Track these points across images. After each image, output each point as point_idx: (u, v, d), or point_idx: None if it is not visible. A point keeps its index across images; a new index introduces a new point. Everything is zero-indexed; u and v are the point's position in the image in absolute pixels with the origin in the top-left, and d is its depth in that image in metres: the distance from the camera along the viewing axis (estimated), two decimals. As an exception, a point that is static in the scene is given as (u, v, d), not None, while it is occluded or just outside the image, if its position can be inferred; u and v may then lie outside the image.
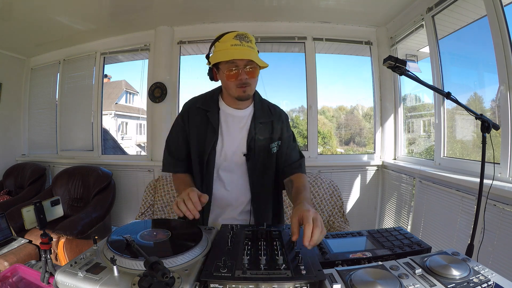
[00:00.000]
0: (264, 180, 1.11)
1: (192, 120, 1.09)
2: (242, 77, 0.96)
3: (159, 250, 0.72)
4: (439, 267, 0.64)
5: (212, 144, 1.05)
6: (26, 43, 3.25)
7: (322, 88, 2.98)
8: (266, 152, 1.09)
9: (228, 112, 1.09)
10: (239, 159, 1.08)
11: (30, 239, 2.14)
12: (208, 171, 1.07)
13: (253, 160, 1.07)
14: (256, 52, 0.98)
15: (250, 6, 2.58)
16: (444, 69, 2.22)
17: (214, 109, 1.07)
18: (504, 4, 1.64)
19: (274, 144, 1.10)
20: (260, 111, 1.10)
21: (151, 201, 2.54)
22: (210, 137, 1.05)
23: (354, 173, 2.89)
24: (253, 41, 0.98)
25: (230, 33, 0.96)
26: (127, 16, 2.74)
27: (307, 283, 0.59)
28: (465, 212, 1.75)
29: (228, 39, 0.95)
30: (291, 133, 1.18)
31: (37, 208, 0.73)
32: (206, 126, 1.07)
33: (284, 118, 1.15)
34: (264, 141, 1.09)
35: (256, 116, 1.08)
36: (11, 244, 2.05)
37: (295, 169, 1.11)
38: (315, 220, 0.71)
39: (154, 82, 2.96)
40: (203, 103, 1.10)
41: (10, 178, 3.28)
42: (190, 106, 1.11)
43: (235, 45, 0.93)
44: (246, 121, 1.09)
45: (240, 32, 0.97)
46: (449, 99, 1.06)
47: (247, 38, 0.96)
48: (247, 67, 0.96)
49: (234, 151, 1.07)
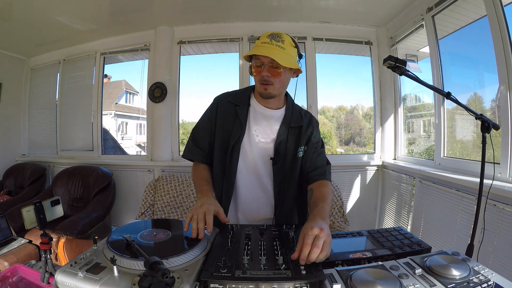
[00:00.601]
0: (289, 186, 1.09)
1: (220, 112, 1.09)
2: (264, 73, 0.97)
3: (159, 250, 0.72)
4: (439, 267, 0.64)
5: (237, 138, 1.04)
6: (26, 43, 3.25)
7: (322, 88, 2.98)
8: (292, 158, 1.08)
9: (258, 109, 1.08)
10: (265, 162, 1.06)
11: (30, 239, 2.14)
12: (231, 166, 1.05)
13: (279, 165, 1.05)
14: (286, 52, 0.96)
15: (250, 6, 2.58)
16: (444, 69, 2.22)
17: (244, 104, 1.08)
18: (504, 4, 1.64)
19: (300, 149, 1.08)
20: (291, 115, 1.08)
21: (151, 201, 2.54)
22: (236, 130, 1.04)
23: (354, 173, 2.89)
24: (286, 41, 0.97)
25: (267, 32, 0.99)
26: (127, 16, 2.74)
27: (307, 283, 0.59)
28: (465, 212, 1.75)
29: (263, 37, 0.99)
30: (320, 140, 1.16)
31: (37, 208, 0.73)
32: (234, 119, 1.06)
33: (314, 124, 1.14)
34: (292, 146, 1.07)
35: (286, 119, 1.07)
36: (11, 244, 2.05)
37: (319, 175, 1.06)
38: (317, 240, 0.67)
39: (154, 82, 2.96)
40: (234, 97, 1.11)
41: (10, 178, 3.28)
42: (221, 99, 1.12)
43: (264, 43, 0.96)
44: (276, 123, 1.08)
45: (275, 32, 0.99)
46: (449, 99, 1.06)
47: (279, 37, 0.97)
48: (270, 65, 0.96)
49: (259, 152, 1.06)
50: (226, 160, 1.06)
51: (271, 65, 0.96)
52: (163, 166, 2.92)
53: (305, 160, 1.09)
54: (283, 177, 1.06)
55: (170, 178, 2.60)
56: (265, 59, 0.96)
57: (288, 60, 0.96)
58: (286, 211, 1.10)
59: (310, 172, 1.08)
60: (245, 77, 2.93)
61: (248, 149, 1.06)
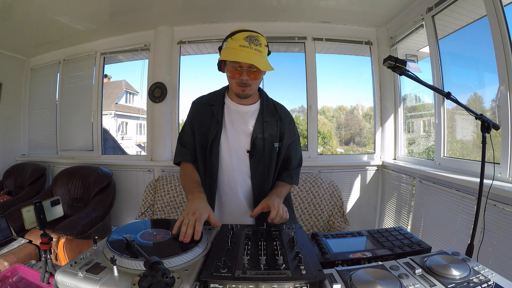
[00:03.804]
0: (267, 178, 1.12)
1: (197, 113, 1.14)
2: (243, 77, 1.00)
3: (159, 250, 0.72)
4: (439, 267, 0.64)
5: (215, 135, 1.08)
6: (26, 43, 3.25)
7: (322, 88, 2.98)
8: (269, 151, 1.11)
9: (232, 107, 1.12)
10: (243, 155, 1.10)
11: (30, 239, 2.14)
12: (212, 163, 1.09)
13: (256, 157, 1.09)
14: (263, 55, 0.99)
15: (250, 6, 2.58)
16: (444, 69, 2.22)
17: (219, 103, 1.12)
18: (504, 4, 1.64)
19: (277, 144, 1.12)
20: (266, 109, 1.12)
21: (151, 201, 2.54)
22: (213, 128, 1.09)
23: (354, 173, 2.89)
24: (263, 44, 1.00)
25: (242, 33, 0.99)
26: (127, 16, 2.74)
27: (307, 283, 0.59)
28: (465, 212, 1.75)
29: (239, 38, 0.97)
30: (296, 136, 1.19)
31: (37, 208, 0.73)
32: (210, 118, 1.11)
33: (289, 118, 1.18)
34: (269, 139, 1.10)
35: (261, 114, 1.11)
36: (11, 244, 2.05)
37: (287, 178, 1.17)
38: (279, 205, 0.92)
39: (154, 82, 2.96)
40: (210, 99, 1.15)
41: (10, 178, 3.28)
42: (197, 102, 1.18)
43: (243, 46, 0.96)
44: (250, 118, 1.12)
45: (252, 34, 0.99)
46: (449, 99, 1.06)
47: (257, 40, 0.98)
48: (250, 69, 0.99)
49: (237, 146, 1.10)
50: (206, 157, 1.10)
51: (251, 69, 0.99)
52: (163, 166, 2.92)
53: (280, 155, 1.14)
54: (261, 169, 1.10)
55: (170, 178, 2.60)
56: (244, 63, 0.98)
57: (267, 64, 1.00)
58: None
59: (281, 170, 1.17)
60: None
61: (226, 144, 1.10)
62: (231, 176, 1.11)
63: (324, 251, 0.79)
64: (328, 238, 0.89)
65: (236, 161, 1.10)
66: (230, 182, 1.11)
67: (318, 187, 2.46)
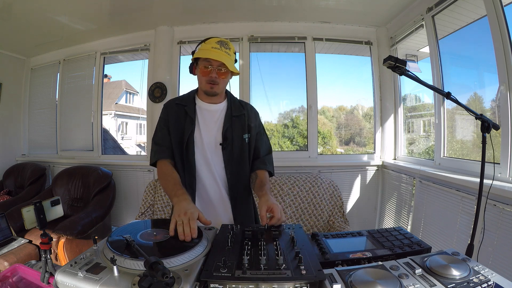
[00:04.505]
0: (240, 170, 1.21)
1: (171, 114, 1.21)
2: (212, 75, 1.12)
3: (159, 250, 0.72)
4: (439, 267, 0.64)
5: (190, 132, 1.16)
6: (26, 43, 3.25)
7: (322, 88, 2.98)
8: (240, 143, 1.21)
9: (203, 107, 1.22)
10: (217, 149, 1.19)
11: (30, 239, 2.14)
12: (189, 159, 1.16)
13: (228, 149, 1.18)
14: (231, 58, 1.14)
15: (250, 6, 2.58)
16: (444, 69, 2.22)
17: (191, 103, 1.22)
18: (504, 4, 1.64)
19: (245, 136, 1.23)
20: (233, 106, 1.24)
21: (151, 201, 2.54)
22: (188, 126, 1.17)
23: (354, 173, 2.89)
24: (232, 49, 1.15)
25: (214, 38, 1.14)
26: (127, 16, 2.74)
27: (307, 283, 0.59)
28: (465, 212, 1.75)
29: (212, 42, 1.13)
30: (261, 129, 1.31)
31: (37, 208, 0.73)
32: (184, 118, 1.19)
33: (254, 112, 1.30)
34: (238, 131, 1.21)
35: (229, 110, 1.22)
36: (11, 244, 2.05)
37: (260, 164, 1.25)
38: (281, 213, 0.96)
39: (154, 82, 2.96)
40: (181, 100, 1.24)
41: (10, 178, 3.28)
42: (170, 104, 1.25)
43: (214, 48, 1.10)
44: (220, 114, 1.22)
45: (222, 39, 1.15)
46: (449, 99, 1.06)
47: (227, 45, 1.13)
48: (219, 69, 1.11)
49: (210, 141, 1.19)
50: (183, 154, 1.17)
51: (219, 69, 1.12)
52: (163, 166, 2.92)
53: (251, 146, 1.25)
54: (234, 160, 1.20)
55: (170, 178, 2.60)
56: (215, 62, 1.11)
57: (233, 66, 1.14)
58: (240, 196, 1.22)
59: (254, 160, 1.26)
60: (245, 77, 2.93)
61: (200, 141, 1.18)
62: (207, 170, 1.19)
63: (324, 251, 0.79)
64: (328, 238, 0.89)
65: (210, 154, 1.18)
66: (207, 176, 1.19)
67: (318, 187, 2.47)
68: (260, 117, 1.33)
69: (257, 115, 1.31)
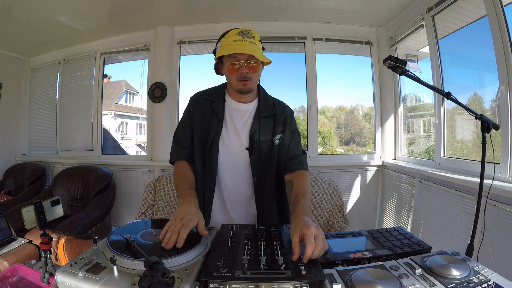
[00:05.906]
0: (267, 174, 1.11)
1: (198, 109, 1.12)
2: (243, 71, 0.99)
3: (159, 250, 0.72)
4: (439, 267, 0.64)
5: (216, 132, 1.06)
6: (26, 43, 3.25)
7: (322, 88, 2.98)
8: (269, 147, 1.10)
9: (232, 105, 1.12)
10: (242, 153, 1.09)
11: (30, 239, 2.14)
12: (211, 161, 1.07)
13: (255, 154, 1.07)
14: (258, 48, 1.00)
15: (250, 6, 2.58)
16: (444, 69, 2.22)
17: (219, 100, 1.11)
18: (504, 4, 1.64)
19: (276, 137, 1.11)
20: (264, 106, 1.12)
21: (151, 201, 2.54)
22: (214, 125, 1.08)
23: (354, 173, 2.89)
24: (256, 37, 1.01)
25: (234, 30, 1.00)
26: (127, 16, 2.74)
27: (307, 283, 0.59)
28: (465, 212, 1.75)
29: (232, 35, 0.99)
30: (295, 129, 1.18)
31: (37, 208, 0.73)
32: (211, 115, 1.10)
33: (288, 113, 1.16)
34: (267, 135, 1.10)
35: (259, 110, 1.10)
36: (11, 244, 2.05)
37: (297, 165, 1.10)
38: (316, 238, 0.69)
39: (154, 82, 2.96)
40: (210, 95, 1.13)
41: (10, 178, 3.28)
42: (197, 97, 1.15)
43: (237, 41, 0.97)
44: (249, 116, 1.11)
45: (243, 29, 1.00)
46: (449, 99, 1.06)
47: (249, 34, 0.99)
48: (248, 62, 0.99)
49: (237, 144, 1.09)
50: (205, 154, 1.08)
51: (248, 62, 0.99)
52: (163, 166, 2.92)
53: (282, 148, 1.12)
54: (261, 166, 1.09)
55: (170, 178, 2.60)
56: (242, 56, 0.98)
57: (263, 55, 1.01)
58: (267, 201, 1.12)
59: (287, 161, 1.11)
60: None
61: (226, 143, 1.08)
62: (232, 175, 1.10)
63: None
64: (328, 238, 0.89)
65: (235, 159, 1.09)
66: (232, 181, 1.10)
67: (318, 187, 2.46)
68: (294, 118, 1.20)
69: (291, 115, 1.18)
